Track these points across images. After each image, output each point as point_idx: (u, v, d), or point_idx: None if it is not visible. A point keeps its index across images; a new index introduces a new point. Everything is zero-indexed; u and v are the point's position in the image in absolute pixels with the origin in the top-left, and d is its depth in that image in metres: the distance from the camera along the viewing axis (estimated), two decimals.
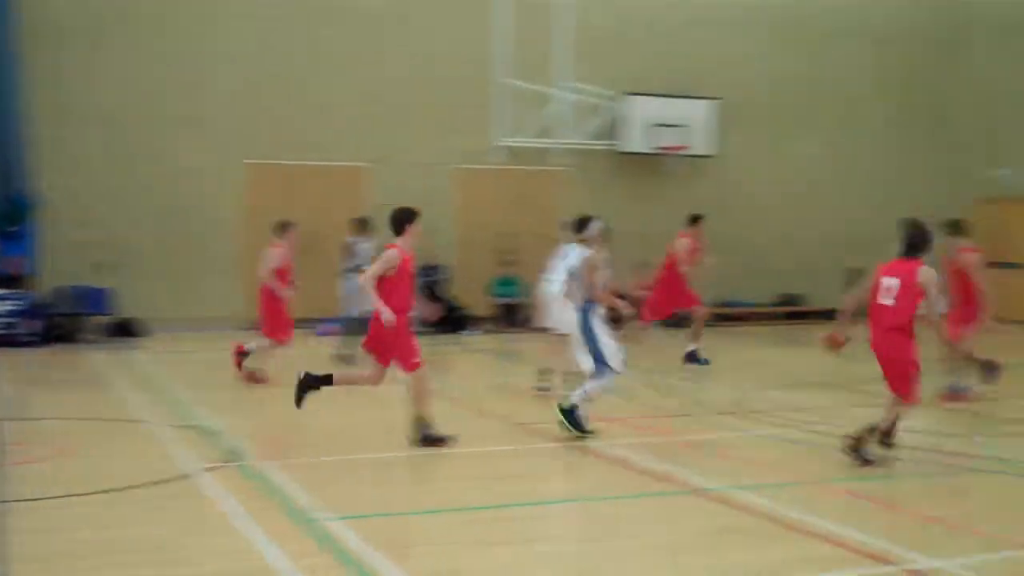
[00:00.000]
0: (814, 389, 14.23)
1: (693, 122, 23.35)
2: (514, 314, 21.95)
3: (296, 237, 14.84)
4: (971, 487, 9.26)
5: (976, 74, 25.72)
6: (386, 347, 10.19)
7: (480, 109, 21.95)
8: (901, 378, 9.49)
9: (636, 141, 23.12)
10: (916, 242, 9.58)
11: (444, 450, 10.12)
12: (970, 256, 13.15)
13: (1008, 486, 9.27)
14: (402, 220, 10.31)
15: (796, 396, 13.64)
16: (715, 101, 23.43)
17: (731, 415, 12.23)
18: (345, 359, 15.31)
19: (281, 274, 14.43)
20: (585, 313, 10.73)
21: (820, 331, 10.80)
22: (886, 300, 9.47)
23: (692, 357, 16.15)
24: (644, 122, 23.04)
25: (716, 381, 14.76)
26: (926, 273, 9.40)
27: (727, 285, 22.61)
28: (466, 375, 16.62)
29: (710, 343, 16.83)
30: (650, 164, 23.50)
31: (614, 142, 23.19)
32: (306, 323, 19.24)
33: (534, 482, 9.39)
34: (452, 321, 20.44)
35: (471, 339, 20.13)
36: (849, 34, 25.23)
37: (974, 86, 25.71)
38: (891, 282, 9.50)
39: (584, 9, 22.65)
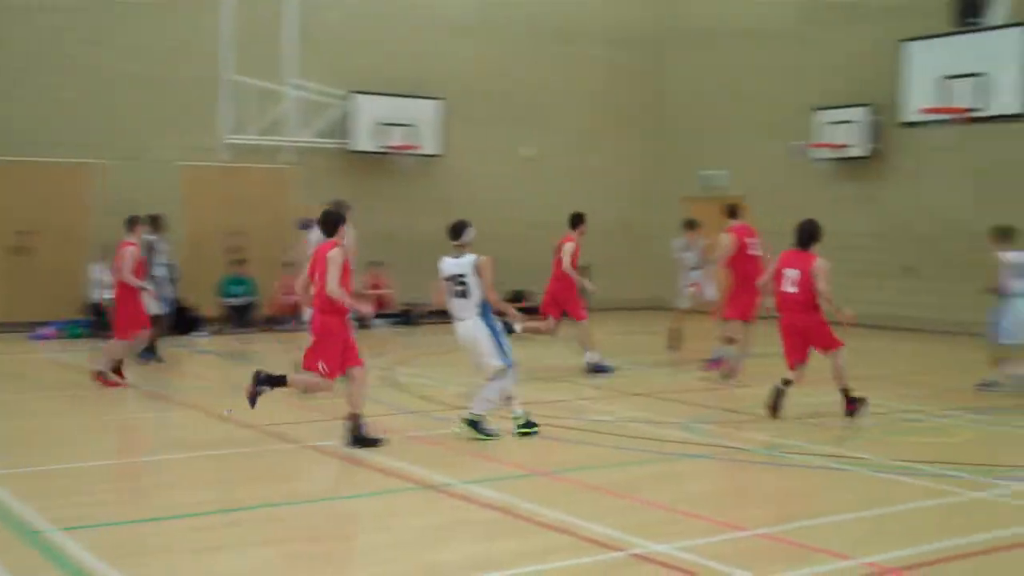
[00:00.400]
0: (540, 383, 14.60)
1: (421, 122, 23.60)
2: (245, 314, 21.61)
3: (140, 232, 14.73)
4: (691, 472, 9.74)
5: (683, 77, 27.08)
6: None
7: (208, 106, 21.44)
8: (823, 340, 11.77)
9: (365, 140, 23.16)
10: (810, 236, 11.78)
11: (178, 455, 9.92)
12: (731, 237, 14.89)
13: (724, 471, 9.82)
14: (335, 222, 10.45)
15: (524, 390, 13.95)
16: (441, 101, 23.77)
17: (461, 410, 12.41)
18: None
19: (136, 272, 14.22)
20: (485, 315, 10.76)
21: (554, 325, 11.27)
22: (790, 288, 11.64)
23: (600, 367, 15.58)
24: (372, 121, 23.12)
25: (443, 377, 14.94)
26: (819, 264, 11.55)
27: None
28: (198, 377, 16.28)
29: (439, 340, 17.00)
30: (379, 163, 23.60)
31: (344, 141, 23.16)
32: (20, 327, 18.41)
33: (271, 484, 9.29)
34: (181, 322, 19.89)
35: (201, 340, 19.69)
36: (571, 36, 26.12)
37: (682, 89, 27.06)
38: (792, 273, 11.67)
39: (312, 7, 22.51)
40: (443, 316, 11.57)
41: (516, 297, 25.03)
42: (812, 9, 24.18)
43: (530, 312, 24.28)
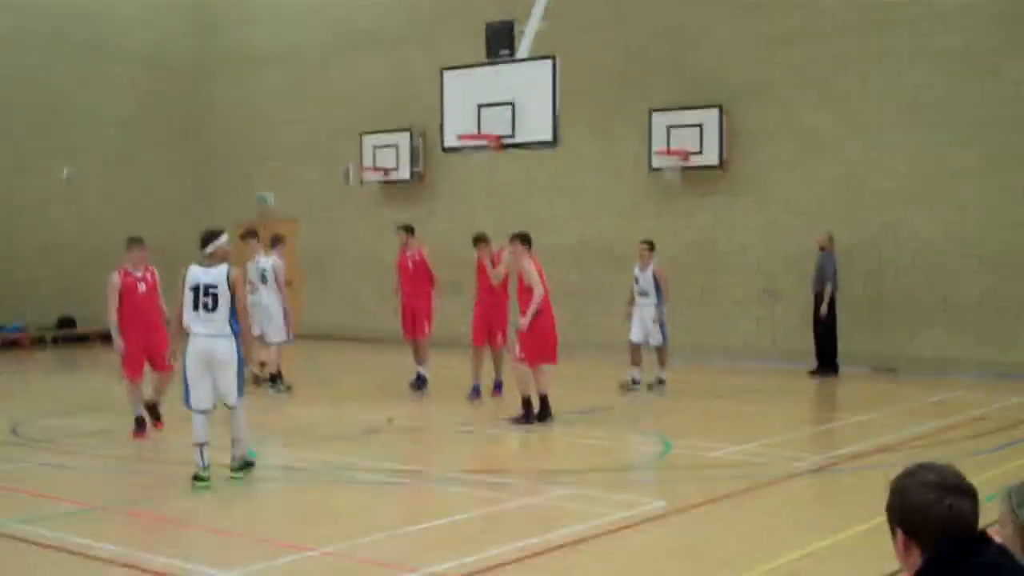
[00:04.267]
0: (92, 413, 14.08)
1: None
2: None
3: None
4: (255, 495, 9.71)
5: (230, 101, 26.96)
6: None
7: None
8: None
9: None
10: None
11: None
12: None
13: (289, 492, 9.89)
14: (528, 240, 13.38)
15: (74, 421, 13.42)
16: None
17: (8, 445, 11.75)
18: None
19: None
20: (235, 336, 9.71)
21: (99, 353, 10.89)
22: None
23: None
24: None
25: None
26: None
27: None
28: None
29: None
30: None
31: None
32: None
33: None
34: None
35: None
36: (104, 55, 25.28)
37: (230, 113, 26.93)
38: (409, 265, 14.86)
39: None
40: None
41: (68, 322, 23.94)
42: (357, 34, 24.81)
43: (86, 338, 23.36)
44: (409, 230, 16.79)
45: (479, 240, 15.56)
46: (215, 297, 9.65)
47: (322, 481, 10.19)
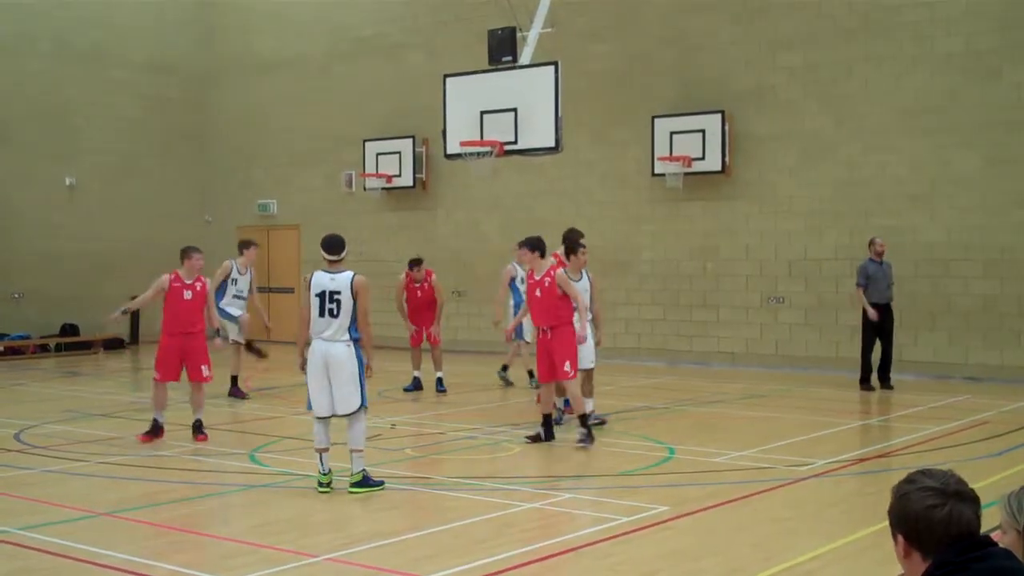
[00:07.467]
0: (95, 420, 14.09)
1: None
2: None
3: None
4: (258, 502, 9.68)
5: (231, 108, 26.97)
6: None
7: None
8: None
9: None
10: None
11: None
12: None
13: (290, 499, 9.85)
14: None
15: (78, 428, 13.42)
16: None
17: (12, 452, 11.76)
18: None
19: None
20: (356, 342, 9.82)
21: (102, 360, 10.90)
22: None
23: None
24: None
25: None
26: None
27: None
28: None
29: None
30: None
31: None
32: None
33: None
34: None
35: None
36: (104, 61, 25.26)
37: (231, 119, 26.95)
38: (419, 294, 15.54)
39: None
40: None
41: (71, 329, 23.93)
42: (359, 41, 24.84)
43: (88, 346, 23.38)
44: (418, 263, 17.16)
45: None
46: (339, 303, 9.79)
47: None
